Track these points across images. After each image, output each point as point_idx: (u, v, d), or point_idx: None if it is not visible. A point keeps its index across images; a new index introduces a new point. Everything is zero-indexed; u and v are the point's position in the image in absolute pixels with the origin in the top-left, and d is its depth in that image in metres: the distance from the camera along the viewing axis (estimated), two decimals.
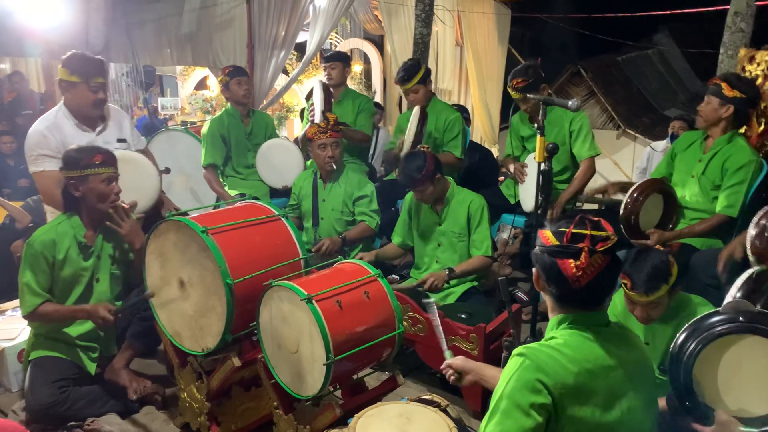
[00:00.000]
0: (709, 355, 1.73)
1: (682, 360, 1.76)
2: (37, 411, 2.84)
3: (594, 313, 1.69)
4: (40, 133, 3.38)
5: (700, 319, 1.79)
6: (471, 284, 3.49)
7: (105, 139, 3.56)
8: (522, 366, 1.57)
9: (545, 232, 1.66)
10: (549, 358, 1.57)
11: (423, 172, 3.35)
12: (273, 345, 2.34)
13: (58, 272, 2.88)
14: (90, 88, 3.40)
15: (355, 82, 11.18)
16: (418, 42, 6.54)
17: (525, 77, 3.85)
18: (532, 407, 1.52)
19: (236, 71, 4.57)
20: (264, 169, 4.57)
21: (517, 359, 1.60)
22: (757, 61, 3.72)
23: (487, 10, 9.67)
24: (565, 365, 1.56)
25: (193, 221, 2.40)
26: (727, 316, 1.73)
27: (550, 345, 1.62)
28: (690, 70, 14.00)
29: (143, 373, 3.20)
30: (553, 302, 1.71)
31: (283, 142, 4.74)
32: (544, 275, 1.67)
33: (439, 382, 3.23)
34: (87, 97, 3.42)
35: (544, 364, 1.55)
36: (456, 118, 4.44)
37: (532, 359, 1.56)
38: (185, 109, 10.74)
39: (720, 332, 1.72)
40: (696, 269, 3.08)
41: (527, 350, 1.60)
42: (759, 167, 3.33)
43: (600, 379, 1.60)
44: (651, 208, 3.35)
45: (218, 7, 6.12)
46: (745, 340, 1.71)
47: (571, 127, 3.93)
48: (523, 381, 1.54)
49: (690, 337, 1.77)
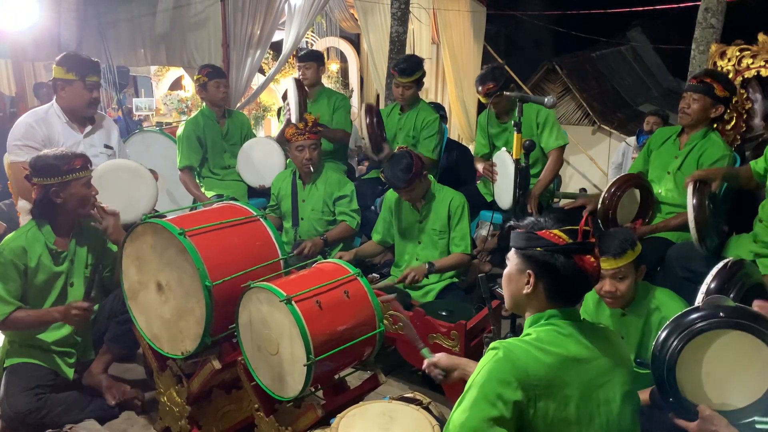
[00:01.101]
0: (690, 352, 1.75)
1: (664, 357, 1.78)
2: (14, 419, 2.80)
3: (573, 309, 1.72)
4: (27, 125, 3.38)
5: (680, 316, 1.81)
6: (451, 281, 3.50)
7: (91, 142, 3.55)
8: (494, 358, 1.59)
9: (553, 232, 1.66)
10: (522, 351, 1.59)
11: (413, 171, 3.35)
12: (253, 347, 2.33)
13: (32, 279, 2.84)
14: (86, 85, 3.43)
15: (332, 80, 11.15)
16: (394, 40, 6.54)
17: (494, 82, 3.92)
18: (500, 398, 1.53)
19: (215, 72, 4.53)
20: (245, 168, 4.53)
21: (491, 352, 1.62)
22: (728, 57, 3.77)
23: (462, 7, 9.70)
24: (538, 357, 1.58)
25: (171, 223, 2.37)
26: (708, 312, 1.75)
27: (525, 340, 1.64)
28: (662, 65, 14.19)
29: (122, 378, 3.17)
30: (538, 301, 1.71)
31: (267, 141, 4.69)
32: (551, 275, 1.67)
33: (420, 380, 3.23)
34: (82, 95, 3.44)
35: (516, 357, 1.57)
36: (434, 119, 4.46)
37: (505, 352, 1.59)
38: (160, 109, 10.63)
39: (701, 328, 1.75)
40: (672, 262, 3.12)
41: (501, 344, 1.62)
42: (732, 161, 3.39)
43: (575, 371, 1.61)
44: (628, 202, 3.40)
45: (192, 6, 6.06)
46: (725, 335, 1.73)
47: (537, 119, 3.99)
48: (494, 372, 1.57)
49: (671, 335, 1.79)
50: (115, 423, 2.95)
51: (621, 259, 2.43)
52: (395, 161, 3.44)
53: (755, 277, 2.23)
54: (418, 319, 3.05)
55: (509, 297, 1.79)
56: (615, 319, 2.62)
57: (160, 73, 10.96)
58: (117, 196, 3.26)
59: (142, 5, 5.96)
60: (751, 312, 1.74)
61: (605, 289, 2.50)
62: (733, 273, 2.16)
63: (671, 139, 3.55)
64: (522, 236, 1.71)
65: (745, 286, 2.15)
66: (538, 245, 1.67)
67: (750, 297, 2.15)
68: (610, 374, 1.68)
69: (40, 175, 2.80)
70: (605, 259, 2.44)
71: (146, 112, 10.44)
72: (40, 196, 2.84)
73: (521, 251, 1.72)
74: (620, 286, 2.48)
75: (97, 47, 5.81)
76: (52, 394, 2.87)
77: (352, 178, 4.73)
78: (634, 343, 2.56)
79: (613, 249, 2.43)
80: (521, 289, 1.72)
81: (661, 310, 2.49)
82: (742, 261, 2.25)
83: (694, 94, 3.36)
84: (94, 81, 3.46)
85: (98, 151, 3.57)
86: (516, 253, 1.74)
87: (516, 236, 1.74)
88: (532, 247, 1.68)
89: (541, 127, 3.99)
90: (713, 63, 3.87)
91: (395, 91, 4.52)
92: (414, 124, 4.46)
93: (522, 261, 1.71)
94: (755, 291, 2.20)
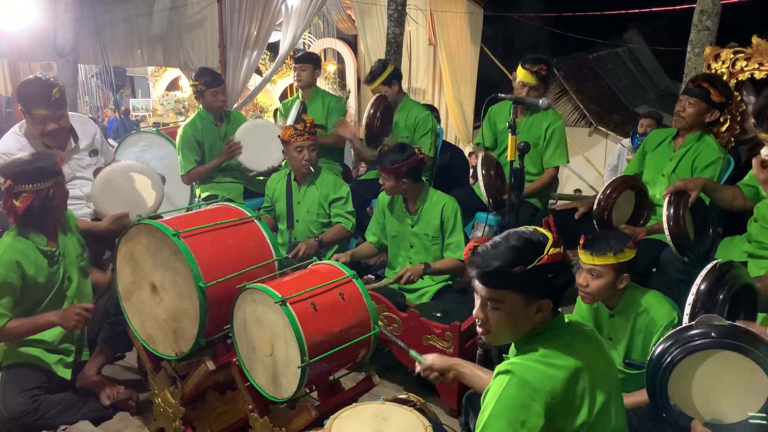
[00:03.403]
0: (684, 368, 1.77)
1: (658, 372, 1.80)
2: (9, 420, 2.79)
3: (561, 313, 1.72)
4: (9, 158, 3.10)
5: (676, 333, 1.83)
6: (446, 283, 3.50)
7: (76, 157, 3.47)
8: (509, 383, 1.55)
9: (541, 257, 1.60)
10: (535, 372, 1.56)
11: (408, 160, 3.35)
12: (247, 348, 2.33)
13: (31, 284, 2.80)
14: (33, 119, 3.15)
15: (329, 81, 11.17)
16: (391, 41, 6.54)
17: (548, 67, 3.95)
18: (524, 426, 1.51)
19: (212, 82, 4.44)
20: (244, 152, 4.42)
21: (503, 378, 1.57)
22: (722, 59, 3.79)
23: (459, 9, 9.72)
24: (551, 375, 1.56)
25: (165, 224, 2.37)
26: (701, 330, 1.77)
27: (534, 358, 1.60)
28: (659, 67, 14.24)
29: (116, 379, 3.16)
30: (544, 318, 1.67)
31: (264, 123, 4.62)
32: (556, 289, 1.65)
33: (415, 381, 3.23)
34: (34, 128, 3.20)
35: (532, 378, 1.54)
36: (426, 116, 4.46)
37: (519, 377, 1.55)
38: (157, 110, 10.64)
39: (695, 348, 1.76)
40: (666, 264, 3.13)
41: (512, 366, 1.58)
42: (727, 163, 3.40)
43: (579, 380, 1.61)
44: (623, 204, 3.41)
45: (189, 6, 6.07)
46: (718, 354, 1.75)
47: (546, 132, 3.97)
48: (513, 399, 1.53)
49: (666, 351, 1.80)
50: (110, 424, 2.94)
51: (597, 257, 2.46)
52: (400, 146, 3.46)
53: (744, 279, 2.24)
54: (412, 320, 3.05)
55: (513, 334, 1.70)
56: (604, 320, 2.63)
57: (157, 74, 10.97)
58: (123, 196, 3.30)
59: (138, 6, 5.96)
60: (743, 331, 1.75)
61: (578, 281, 2.53)
62: (722, 274, 2.17)
63: (666, 142, 3.55)
64: (518, 276, 1.60)
65: (733, 288, 2.15)
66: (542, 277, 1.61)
67: (739, 298, 2.17)
68: (602, 377, 1.68)
69: (33, 181, 2.72)
70: (584, 252, 2.48)
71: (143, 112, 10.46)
72: (34, 203, 2.74)
73: (524, 289, 1.63)
74: (591, 283, 2.50)
75: (93, 47, 5.82)
76: (48, 396, 2.86)
77: (348, 179, 4.73)
78: (623, 344, 2.57)
79: (595, 246, 2.47)
80: (530, 320, 1.66)
81: (649, 312, 2.51)
82: (731, 262, 2.25)
83: (690, 98, 3.36)
84: (40, 114, 3.12)
85: (85, 164, 3.48)
86: (518, 293, 1.63)
87: (510, 279, 1.62)
88: (537, 279, 1.61)
89: (548, 141, 3.97)
90: (707, 66, 3.89)
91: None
92: (406, 122, 4.46)
93: (525, 297, 1.63)
94: (744, 292, 2.20)
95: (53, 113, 3.16)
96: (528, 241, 1.63)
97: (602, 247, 2.46)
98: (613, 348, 2.59)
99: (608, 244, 2.46)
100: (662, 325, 2.45)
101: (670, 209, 2.92)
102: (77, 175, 3.47)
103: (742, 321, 1.89)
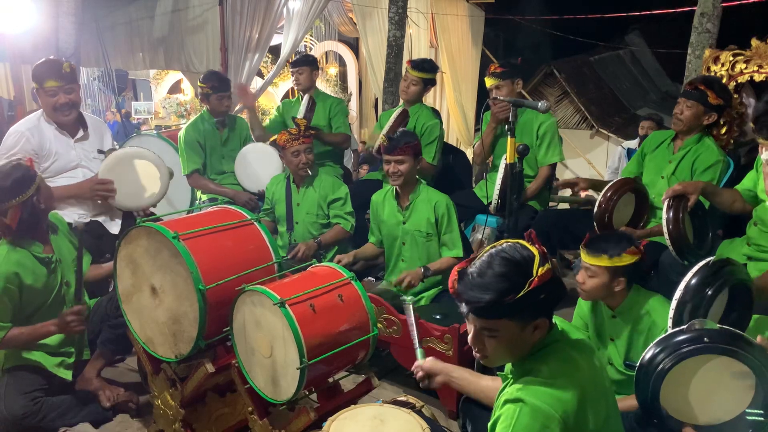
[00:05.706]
0: (675, 374, 1.77)
1: (650, 378, 1.79)
2: (10, 422, 2.79)
3: (555, 324, 1.70)
4: (20, 134, 3.36)
5: (666, 338, 1.82)
6: (445, 286, 3.50)
7: (83, 146, 3.53)
8: (522, 413, 1.53)
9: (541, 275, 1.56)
10: (546, 396, 1.54)
11: (413, 143, 3.40)
12: (247, 350, 2.34)
13: (31, 292, 2.80)
14: (45, 92, 3.33)
15: (330, 84, 11.18)
16: (392, 44, 6.55)
17: (503, 66, 3.99)
18: None
19: (220, 87, 4.47)
20: (242, 173, 4.53)
21: (514, 407, 1.55)
22: (722, 62, 3.79)
23: (460, 12, 9.73)
24: (560, 397, 1.54)
25: (164, 227, 2.37)
26: (692, 335, 1.77)
27: (540, 380, 1.57)
28: (660, 69, 14.25)
29: (116, 381, 3.17)
30: (541, 335, 1.64)
31: (264, 147, 4.69)
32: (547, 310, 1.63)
33: (414, 384, 3.23)
34: (47, 102, 3.37)
35: (544, 404, 1.52)
36: (434, 124, 4.42)
37: (529, 404, 1.53)
38: (159, 113, 10.66)
39: (686, 353, 1.75)
40: (665, 266, 3.13)
41: (521, 394, 1.55)
42: (726, 166, 3.39)
43: (587, 397, 1.59)
44: (623, 206, 3.41)
45: (191, 10, 6.08)
46: (708, 359, 1.75)
47: (539, 131, 3.99)
48: (528, 429, 1.51)
49: (656, 357, 1.80)
50: (110, 426, 2.95)
51: (593, 258, 2.49)
52: (404, 131, 3.55)
53: (740, 276, 2.23)
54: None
55: (513, 356, 1.67)
56: (606, 320, 2.64)
57: (159, 77, 10.99)
58: (127, 179, 3.39)
59: (140, 9, 5.98)
60: (732, 334, 1.75)
61: (577, 277, 2.58)
62: (716, 270, 2.16)
63: (665, 144, 3.56)
64: (511, 305, 1.56)
65: (726, 284, 2.15)
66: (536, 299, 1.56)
67: (734, 295, 2.18)
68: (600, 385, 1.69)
69: (14, 195, 2.71)
70: (583, 250, 2.52)
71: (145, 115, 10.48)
72: (24, 215, 2.74)
73: (518, 315, 1.59)
74: (587, 281, 2.54)
75: (95, 50, 5.84)
76: (49, 398, 2.87)
77: (348, 181, 4.74)
78: (623, 345, 2.58)
79: (593, 246, 2.51)
80: (529, 341, 1.62)
81: (651, 315, 2.51)
82: (728, 259, 2.25)
83: (688, 101, 3.36)
84: (52, 86, 3.31)
85: (91, 156, 3.56)
86: (512, 320, 1.59)
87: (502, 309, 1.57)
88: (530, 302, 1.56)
89: (540, 140, 3.99)
90: (707, 68, 3.89)
91: (402, 84, 4.51)
92: (414, 128, 4.46)
93: (519, 322, 1.60)
94: (739, 290, 2.20)
95: (64, 85, 3.35)
96: (514, 264, 1.57)
97: (598, 249, 2.48)
98: (614, 348, 2.60)
99: (605, 246, 2.48)
100: (663, 328, 2.45)
101: (669, 212, 2.92)
102: (82, 164, 3.54)
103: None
